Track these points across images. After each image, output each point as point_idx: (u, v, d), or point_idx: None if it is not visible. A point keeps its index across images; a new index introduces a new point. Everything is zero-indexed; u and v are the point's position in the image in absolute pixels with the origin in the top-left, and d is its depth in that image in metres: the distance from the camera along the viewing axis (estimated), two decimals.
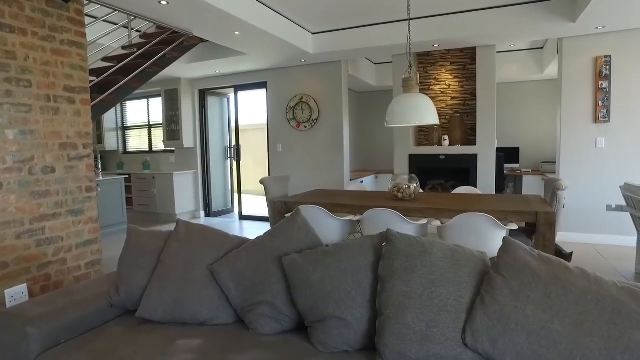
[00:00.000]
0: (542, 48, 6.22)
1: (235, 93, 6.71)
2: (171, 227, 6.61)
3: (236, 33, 4.21)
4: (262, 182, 4.05)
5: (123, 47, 4.56)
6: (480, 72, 5.15)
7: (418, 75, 3.53)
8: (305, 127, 6.09)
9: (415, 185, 3.48)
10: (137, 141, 7.79)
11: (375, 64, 7.26)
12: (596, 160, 4.72)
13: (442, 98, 5.76)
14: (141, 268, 1.91)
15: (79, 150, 2.74)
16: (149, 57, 3.94)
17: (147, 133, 7.59)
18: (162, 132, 7.09)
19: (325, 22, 4.84)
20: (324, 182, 6.03)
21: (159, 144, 7.46)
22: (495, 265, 1.49)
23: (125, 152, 7.90)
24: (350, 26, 5.04)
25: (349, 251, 1.64)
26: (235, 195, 7.26)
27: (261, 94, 8.00)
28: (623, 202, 4.67)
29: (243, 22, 3.84)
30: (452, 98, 5.74)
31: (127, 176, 6.83)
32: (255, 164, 10.21)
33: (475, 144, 5.48)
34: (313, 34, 5.25)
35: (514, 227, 2.77)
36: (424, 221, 3.04)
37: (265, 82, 6.37)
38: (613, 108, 4.60)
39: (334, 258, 1.63)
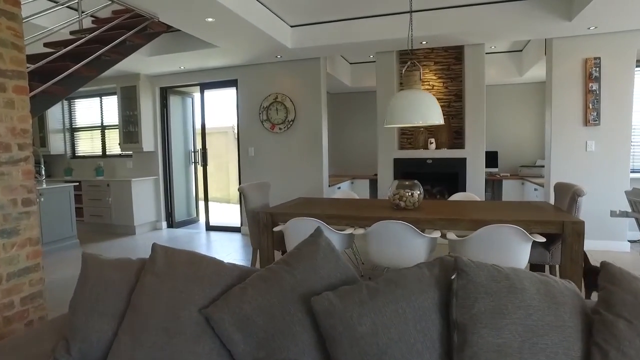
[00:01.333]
0: (521, 51, 6.14)
1: (202, 92, 6.11)
2: (129, 240, 5.97)
3: (209, 19, 3.68)
4: (240, 190, 3.53)
5: (72, 33, 3.88)
6: (469, 72, 4.91)
7: (421, 70, 3.18)
8: (280, 129, 5.61)
9: (419, 192, 3.11)
10: (88, 144, 6.95)
11: (350, 63, 6.92)
12: (586, 164, 4.60)
13: None
14: (103, 315, 1.37)
15: (12, 152, 2.12)
16: (106, 43, 3.31)
17: (100, 135, 6.78)
18: (118, 135, 6.34)
19: (304, 13, 4.41)
20: (301, 189, 5.56)
21: (114, 148, 6.68)
22: (606, 303, 1.11)
23: (74, 156, 7.03)
24: (331, 19, 4.63)
25: (405, 287, 1.20)
26: (201, 204, 6.63)
27: (229, 93, 7.41)
28: (615, 207, 4.58)
29: (219, 5, 3.33)
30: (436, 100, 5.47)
31: (77, 184, 6.01)
32: (217, 170, 9.56)
33: (461, 148, 5.25)
34: (291, 26, 4.80)
35: (542, 239, 2.45)
36: (436, 234, 2.67)
37: (236, 80, 5.82)
38: (603, 111, 4.50)
39: (385, 298, 1.18)
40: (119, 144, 6.23)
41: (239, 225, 6.03)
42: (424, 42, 4.72)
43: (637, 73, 4.60)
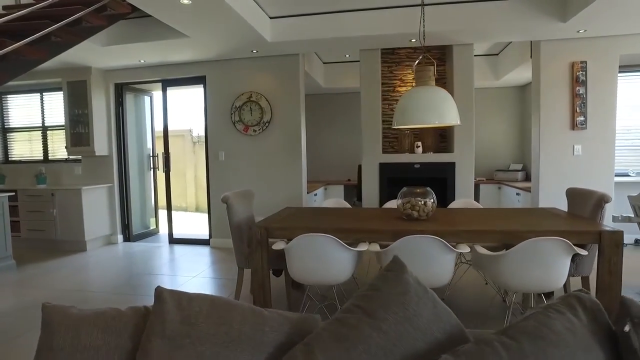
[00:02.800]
0: (498, 55, 6.10)
1: (164, 89, 5.47)
2: (80, 258, 5.10)
3: (184, 1, 3.15)
4: (225, 199, 3.03)
5: (4, 7, 3.17)
6: (458, 73, 4.72)
7: (435, 66, 2.87)
8: (254, 130, 5.12)
9: (432, 200, 2.79)
10: (25, 147, 6.03)
11: (324, 63, 6.57)
12: (573, 168, 4.54)
13: None
14: None
15: None
16: (57, 21, 2.69)
17: (42, 137, 5.90)
18: (64, 137, 5.52)
19: (285, 3, 4.00)
20: (278, 197, 5.10)
21: (59, 152, 5.83)
22: None
23: (7, 161, 6.08)
24: (315, 12, 4.25)
25: (558, 345, 0.83)
26: (162, 214, 5.96)
27: (189, 92, 6.81)
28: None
29: None
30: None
31: (12, 193, 5.13)
32: (174, 176, 8.82)
33: (446, 152, 5.05)
34: (271, 18, 4.36)
35: (584, 252, 2.20)
36: (464, 248, 2.34)
37: (204, 77, 5.26)
38: (589, 115, 4.47)
39: None
40: (66, 148, 5.42)
41: (208, 237, 5.45)
42: (413, 40, 4.47)
43: (620, 78, 4.63)
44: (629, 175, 5.04)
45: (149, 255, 4.94)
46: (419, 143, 4.94)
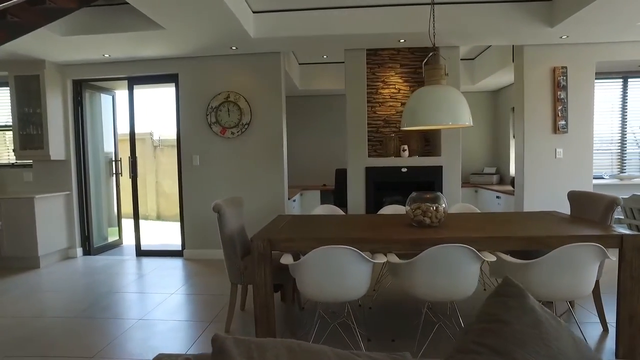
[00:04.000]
0: (474, 59, 6.16)
1: (130, 88, 5.00)
2: (32, 276, 4.41)
3: None
4: (217, 208, 2.71)
5: None
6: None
7: (446, 65, 2.73)
8: (232, 133, 4.79)
9: (443, 206, 2.63)
10: None
11: (299, 64, 6.35)
12: (555, 171, 4.61)
13: (391, 104, 5.13)
14: None
15: None
16: None
17: None
18: (11, 138, 4.89)
19: None
20: (258, 204, 4.79)
21: (3, 155, 5.17)
22: None
23: None
24: (300, 7, 4.03)
25: None
26: (126, 223, 5.45)
27: (157, 92, 6.35)
28: None
29: None
30: (402, 104, 5.15)
31: None
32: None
33: (431, 155, 4.98)
34: (254, 12, 4.08)
35: (613, 258, 2.11)
36: (490, 257, 2.19)
37: (176, 75, 4.86)
38: (570, 119, 4.56)
39: None
40: (13, 151, 4.79)
41: (180, 249, 5.02)
42: (402, 40, 4.35)
43: (597, 84, 4.78)
44: (603, 178, 5.21)
45: (115, 270, 4.44)
46: (405, 147, 4.83)
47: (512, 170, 6.54)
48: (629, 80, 5.31)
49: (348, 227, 2.70)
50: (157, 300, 3.49)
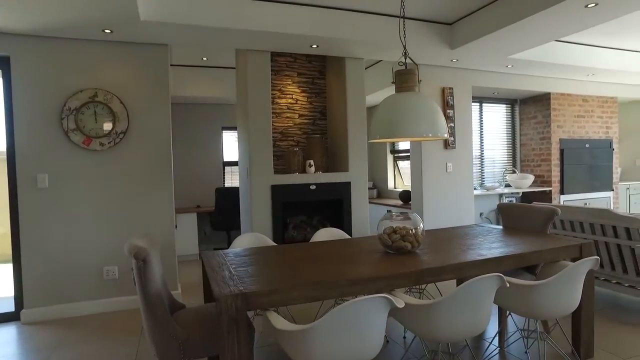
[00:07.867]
0: None
1: None
2: None
3: None
4: (141, 254, 1.80)
5: None
6: (350, 88, 4.47)
7: (418, 70, 2.48)
8: (102, 144, 3.61)
9: (420, 226, 2.35)
10: None
11: (171, 65, 5.39)
12: (445, 184, 4.95)
13: (288, 115, 4.72)
14: None
15: None
16: None
17: None
18: None
19: None
20: (139, 232, 3.71)
21: None
22: None
23: None
24: None
25: None
26: None
27: None
28: (465, 219, 5.10)
29: None
30: (300, 116, 4.80)
31: None
32: None
33: (335, 171, 4.75)
34: None
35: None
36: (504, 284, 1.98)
37: (7, 59, 3.42)
38: (457, 135, 4.96)
39: None
40: None
41: (13, 310, 3.49)
42: (314, 46, 4.01)
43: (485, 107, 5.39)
44: (476, 189, 5.88)
45: None
46: (311, 162, 4.46)
47: (390, 185, 6.89)
48: (483, 104, 6.17)
49: (324, 262, 2.15)
50: None
